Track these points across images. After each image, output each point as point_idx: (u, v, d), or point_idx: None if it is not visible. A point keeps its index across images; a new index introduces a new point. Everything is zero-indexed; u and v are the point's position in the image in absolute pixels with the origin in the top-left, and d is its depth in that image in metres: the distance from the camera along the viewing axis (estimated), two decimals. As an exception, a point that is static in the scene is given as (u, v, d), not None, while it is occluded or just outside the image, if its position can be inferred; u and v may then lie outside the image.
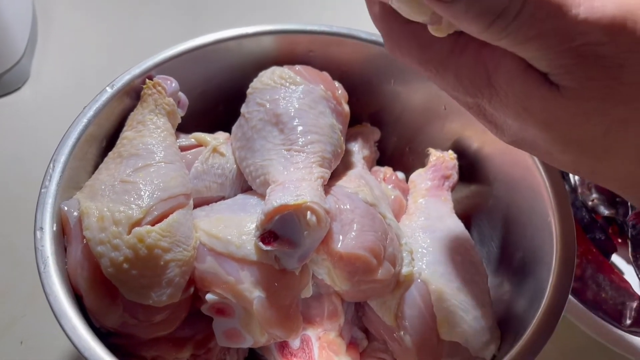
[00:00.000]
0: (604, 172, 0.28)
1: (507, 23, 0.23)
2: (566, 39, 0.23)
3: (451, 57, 0.27)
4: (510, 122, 0.28)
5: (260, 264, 0.37)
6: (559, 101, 0.25)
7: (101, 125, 0.43)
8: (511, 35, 0.23)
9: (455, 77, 0.28)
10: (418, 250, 0.42)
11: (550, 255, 0.37)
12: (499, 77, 0.26)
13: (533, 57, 0.24)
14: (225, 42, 0.49)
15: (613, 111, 0.25)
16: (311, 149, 0.41)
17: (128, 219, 0.35)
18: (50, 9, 0.74)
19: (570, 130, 0.26)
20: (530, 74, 0.25)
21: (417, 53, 0.28)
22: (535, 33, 0.23)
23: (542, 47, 0.23)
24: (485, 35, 0.24)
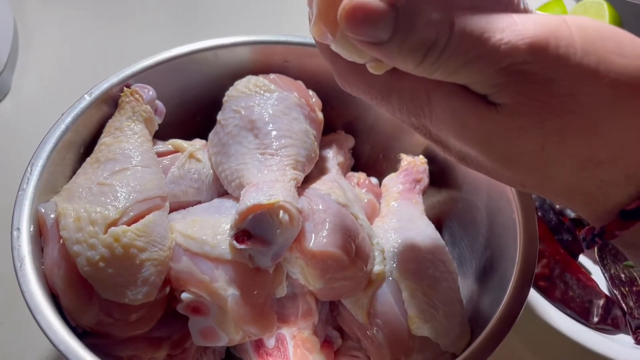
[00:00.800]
0: (547, 186, 0.29)
1: (437, 56, 0.25)
2: (493, 62, 0.24)
3: (393, 83, 0.29)
4: (452, 142, 0.29)
5: (234, 263, 0.38)
6: (495, 118, 0.26)
7: (79, 132, 0.44)
8: (442, 67, 0.25)
9: (398, 99, 0.29)
10: (390, 250, 0.43)
11: (514, 251, 0.39)
12: (437, 96, 0.27)
13: (467, 83, 0.26)
14: (202, 53, 0.50)
15: (547, 123, 0.26)
16: (285, 152, 0.43)
17: (104, 219, 0.36)
18: (31, 24, 0.75)
19: (509, 146, 0.27)
20: (466, 93, 0.27)
21: (362, 84, 0.30)
22: (463, 61, 0.25)
23: (472, 73, 0.25)
24: (420, 70, 0.26)
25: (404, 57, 0.25)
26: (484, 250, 0.45)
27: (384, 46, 0.25)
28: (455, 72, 0.25)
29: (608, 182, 0.27)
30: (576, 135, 0.26)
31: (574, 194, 0.29)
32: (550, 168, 0.27)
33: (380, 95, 0.30)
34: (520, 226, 0.40)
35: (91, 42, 0.74)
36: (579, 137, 0.26)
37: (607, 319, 0.50)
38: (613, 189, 0.28)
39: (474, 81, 0.26)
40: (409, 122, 0.31)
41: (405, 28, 0.24)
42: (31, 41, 0.73)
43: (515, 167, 0.28)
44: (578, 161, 0.27)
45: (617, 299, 0.51)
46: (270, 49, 0.51)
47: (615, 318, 0.50)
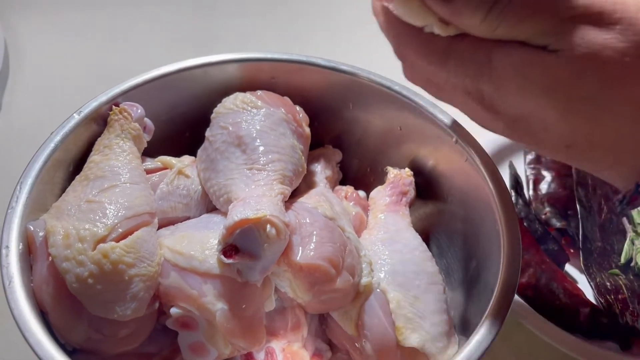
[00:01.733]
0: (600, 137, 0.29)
1: (501, 9, 0.27)
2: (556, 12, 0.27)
3: (452, 45, 0.30)
4: (510, 99, 0.30)
5: (222, 277, 0.38)
6: (557, 62, 0.28)
7: (68, 150, 0.44)
8: (506, 20, 0.27)
9: (456, 62, 0.30)
10: (377, 262, 0.44)
11: (498, 261, 0.40)
12: (499, 53, 0.29)
13: (527, 37, 0.28)
14: (190, 70, 0.51)
15: (606, 67, 0.27)
16: (272, 167, 0.43)
17: (93, 236, 0.36)
18: (22, 44, 0.76)
19: (570, 91, 0.28)
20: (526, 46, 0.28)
21: (422, 47, 0.31)
22: (526, 13, 0.27)
23: (534, 24, 0.27)
24: (484, 25, 0.27)
25: (470, 12, 0.27)
26: (470, 261, 0.46)
27: (452, 2, 0.27)
28: (519, 24, 0.27)
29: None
30: (634, 79, 0.28)
31: (624, 145, 0.29)
32: (606, 115, 0.29)
33: (439, 58, 0.31)
34: (504, 236, 0.40)
35: (81, 61, 0.75)
36: (636, 81, 0.28)
37: (593, 327, 0.50)
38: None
39: (536, 33, 0.28)
40: (462, 85, 0.31)
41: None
42: (21, 61, 0.74)
43: (574, 114, 0.29)
44: (634, 106, 0.28)
45: (603, 307, 0.52)
46: (257, 66, 0.52)
47: (601, 326, 0.50)
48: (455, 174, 0.48)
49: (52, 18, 0.80)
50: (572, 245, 0.57)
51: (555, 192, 0.59)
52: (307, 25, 0.82)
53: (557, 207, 0.58)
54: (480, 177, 0.45)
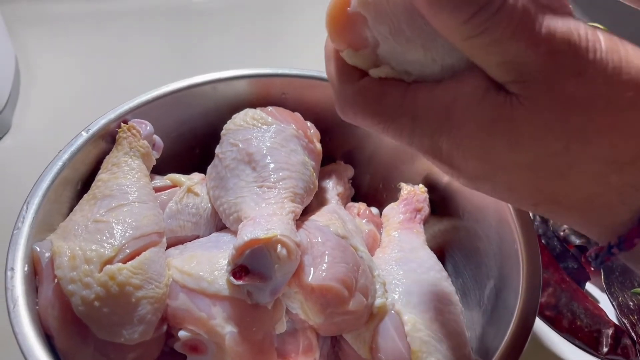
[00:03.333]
0: (566, 196, 0.28)
1: (486, 17, 0.24)
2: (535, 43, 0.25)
3: (405, 102, 0.28)
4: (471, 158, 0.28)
5: (232, 299, 0.37)
6: (521, 116, 0.26)
7: (76, 169, 0.44)
8: (487, 32, 0.25)
9: (411, 120, 0.28)
10: (392, 282, 0.43)
11: (517, 281, 0.38)
12: (458, 109, 0.27)
13: (499, 61, 0.25)
14: (200, 87, 0.50)
15: (572, 119, 0.25)
16: (283, 185, 0.42)
17: (100, 257, 0.36)
18: (33, 62, 0.76)
19: (534, 147, 0.26)
20: (489, 98, 0.26)
21: (371, 105, 0.29)
22: (509, 33, 0.24)
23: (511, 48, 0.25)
24: (463, 29, 0.25)
25: (452, 9, 0.25)
26: (488, 281, 0.44)
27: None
28: (497, 42, 0.25)
29: (630, 185, 0.27)
30: (600, 134, 0.26)
31: (591, 205, 0.28)
32: (572, 173, 0.27)
33: (391, 117, 0.29)
34: (523, 255, 0.39)
35: (92, 78, 0.75)
36: (603, 136, 0.26)
37: (616, 349, 0.48)
38: (634, 193, 0.27)
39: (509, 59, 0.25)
40: (418, 144, 0.30)
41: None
42: (32, 79, 0.74)
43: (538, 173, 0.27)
44: (601, 164, 0.26)
45: (626, 327, 0.50)
46: (268, 82, 0.51)
47: (625, 347, 0.48)
48: (471, 190, 0.47)
49: (62, 36, 0.81)
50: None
51: (573, 208, 0.57)
52: (317, 40, 0.82)
53: (576, 223, 0.57)
54: (497, 194, 0.43)
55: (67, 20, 0.83)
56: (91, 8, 0.84)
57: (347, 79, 0.30)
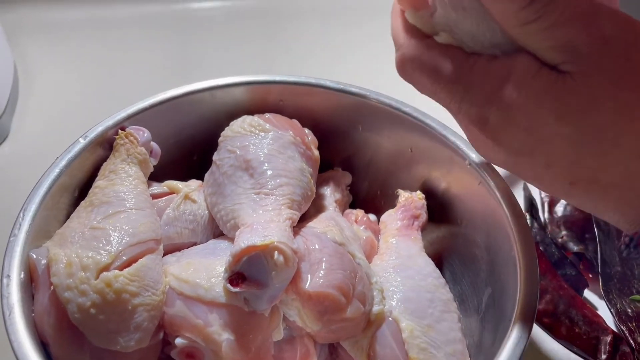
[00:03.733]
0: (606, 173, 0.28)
1: (545, 2, 0.26)
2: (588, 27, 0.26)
3: (462, 70, 0.30)
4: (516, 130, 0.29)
5: (229, 306, 0.37)
6: (572, 89, 0.27)
7: (73, 176, 0.44)
8: (544, 17, 0.26)
9: (464, 88, 0.30)
10: (389, 289, 0.42)
11: (514, 288, 0.38)
12: (512, 82, 0.28)
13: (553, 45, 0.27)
14: (198, 93, 0.50)
15: (620, 96, 0.27)
16: (280, 191, 0.42)
17: (96, 264, 0.35)
18: (31, 68, 0.76)
19: (581, 120, 0.27)
20: (542, 74, 0.28)
21: (431, 64, 0.30)
22: (565, 17, 0.26)
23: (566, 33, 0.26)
24: (521, 15, 0.27)
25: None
26: (485, 287, 0.44)
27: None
28: (552, 27, 0.26)
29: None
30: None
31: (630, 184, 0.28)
32: (616, 149, 0.28)
33: (445, 82, 0.30)
34: (520, 262, 0.39)
35: (90, 85, 0.75)
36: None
37: (615, 356, 0.48)
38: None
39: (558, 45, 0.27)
40: (467, 112, 0.30)
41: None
42: (31, 85, 0.74)
43: (582, 147, 0.28)
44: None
45: (624, 334, 0.50)
46: (265, 89, 0.51)
47: (623, 355, 0.48)
48: (469, 197, 0.47)
49: (61, 43, 0.81)
50: (590, 270, 0.55)
51: (571, 214, 0.57)
52: (314, 47, 0.82)
53: (574, 230, 0.57)
54: (495, 201, 0.43)
55: (65, 28, 0.83)
56: (89, 16, 0.84)
57: (413, 35, 0.31)
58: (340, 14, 0.86)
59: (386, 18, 0.35)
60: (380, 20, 0.86)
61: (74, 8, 0.85)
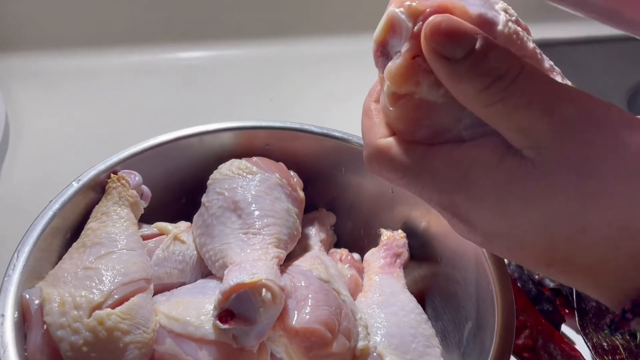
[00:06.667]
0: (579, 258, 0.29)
1: (504, 87, 0.26)
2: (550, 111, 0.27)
3: (426, 160, 0.30)
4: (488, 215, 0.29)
5: (218, 343, 0.38)
6: (535, 177, 0.27)
7: (66, 218, 0.45)
8: (505, 100, 0.27)
9: (431, 177, 0.30)
10: (373, 325, 0.44)
11: (492, 323, 0.40)
12: (477, 170, 0.28)
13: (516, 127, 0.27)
14: (187, 139, 0.52)
15: (586, 183, 0.27)
16: (267, 231, 0.44)
17: (89, 303, 0.36)
18: (23, 114, 0.78)
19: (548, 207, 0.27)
20: (506, 161, 0.28)
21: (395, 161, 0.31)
22: (525, 101, 0.26)
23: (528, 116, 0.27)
24: (481, 97, 0.27)
25: (471, 79, 0.27)
26: (466, 323, 0.46)
27: (455, 64, 0.27)
28: (513, 110, 0.27)
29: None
30: (612, 200, 0.27)
31: (604, 268, 0.29)
32: (586, 236, 0.28)
33: (412, 173, 0.30)
34: (498, 298, 0.41)
35: (81, 131, 0.77)
36: (615, 203, 0.27)
37: (594, 389, 0.50)
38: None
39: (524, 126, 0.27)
40: (437, 200, 0.31)
41: (481, 54, 0.26)
42: (21, 131, 0.76)
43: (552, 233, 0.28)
44: (614, 229, 0.27)
45: (602, 368, 0.51)
46: (252, 134, 0.54)
47: (601, 388, 0.50)
48: (448, 235, 0.49)
49: (52, 90, 0.83)
50: (567, 305, 0.57)
51: (547, 252, 0.60)
52: (299, 94, 0.85)
53: (550, 267, 0.59)
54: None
55: (56, 75, 0.85)
56: (80, 64, 0.87)
57: (376, 136, 0.32)
58: (323, 62, 0.90)
59: (366, 65, 0.37)
60: (360, 68, 0.90)
61: (65, 56, 0.88)
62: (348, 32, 0.91)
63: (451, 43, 0.27)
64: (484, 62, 0.27)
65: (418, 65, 0.29)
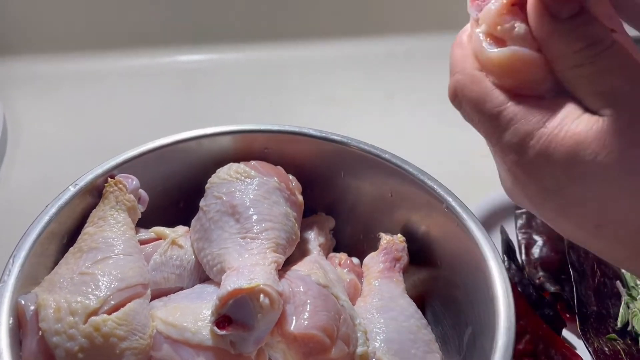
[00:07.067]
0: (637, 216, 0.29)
1: (599, 50, 0.29)
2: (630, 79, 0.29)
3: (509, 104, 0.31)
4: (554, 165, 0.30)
5: (216, 349, 0.38)
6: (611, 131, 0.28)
7: (63, 223, 0.44)
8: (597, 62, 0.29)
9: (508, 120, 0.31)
10: (372, 330, 0.43)
11: (493, 327, 0.39)
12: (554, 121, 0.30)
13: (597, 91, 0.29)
14: (185, 142, 0.52)
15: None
16: (265, 235, 0.44)
17: (85, 309, 0.36)
18: (20, 119, 0.78)
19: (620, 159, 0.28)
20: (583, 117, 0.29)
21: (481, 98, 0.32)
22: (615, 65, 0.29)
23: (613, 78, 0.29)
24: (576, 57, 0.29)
25: (570, 39, 0.29)
26: (466, 328, 0.45)
27: (559, 23, 0.29)
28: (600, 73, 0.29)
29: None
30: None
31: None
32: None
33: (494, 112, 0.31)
34: (498, 302, 0.40)
35: (79, 135, 0.77)
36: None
37: (595, 395, 0.49)
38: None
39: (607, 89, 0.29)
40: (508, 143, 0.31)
41: (584, 18, 0.29)
42: (19, 136, 0.76)
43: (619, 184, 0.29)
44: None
45: (603, 373, 0.51)
46: (250, 138, 0.53)
47: (603, 393, 0.49)
48: (447, 239, 0.49)
49: (50, 94, 0.83)
50: (568, 310, 0.56)
51: (547, 256, 0.59)
52: (297, 97, 0.85)
53: (550, 271, 0.58)
54: (472, 243, 0.45)
55: (54, 79, 0.85)
56: (78, 68, 0.87)
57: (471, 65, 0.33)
58: (322, 66, 0.90)
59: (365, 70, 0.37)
60: (359, 72, 0.91)
61: (63, 60, 0.88)
62: (347, 36, 0.91)
63: (561, 2, 0.29)
64: (584, 26, 0.29)
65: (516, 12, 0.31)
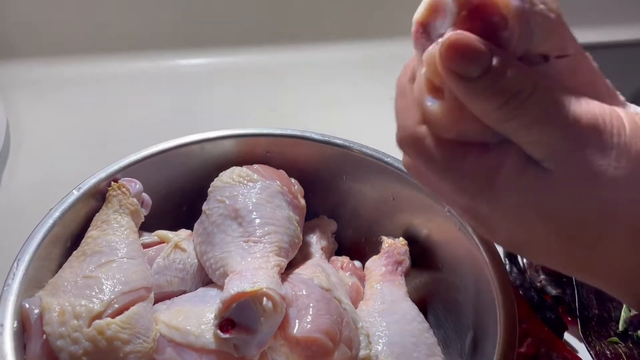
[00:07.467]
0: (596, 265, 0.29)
1: (518, 104, 0.27)
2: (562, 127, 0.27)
3: (453, 163, 0.30)
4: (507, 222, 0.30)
5: (219, 353, 0.38)
6: (553, 187, 0.28)
7: (66, 226, 0.45)
8: (520, 117, 0.27)
9: (455, 180, 0.30)
10: (375, 333, 0.44)
11: (495, 331, 0.39)
12: (500, 177, 0.29)
13: (532, 141, 0.28)
14: (188, 146, 0.52)
15: (603, 193, 0.27)
16: (268, 239, 0.44)
17: (89, 312, 0.36)
18: (23, 122, 0.78)
19: (567, 216, 0.28)
20: (528, 170, 0.28)
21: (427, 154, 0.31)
22: (539, 116, 0.27)
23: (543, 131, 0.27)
24: (497, 114, 0.28)
25: (486, 97, 0.27)
26: (468, 331, 0.45)
27: (471, 83, 0.27)
28: (529, 125, 0.27)
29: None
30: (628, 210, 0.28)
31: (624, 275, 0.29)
32: (604, 242, 0.28)
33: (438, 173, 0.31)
34: (500, 305, 0.40)
35: (82, 139, 0.77)
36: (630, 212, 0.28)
37: (597, 398, 0.49)
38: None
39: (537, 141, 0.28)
40: (459, 203, 0.31)
41: (496, 73, 0.27)
42: (22, 139, 0.76)
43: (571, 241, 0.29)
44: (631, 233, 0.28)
45: (605, 376, 0.51)
46: (253, 141, 0.54)
47: (605, 396, 0.49)
48: (449, 242, 0.49)
49: (52, 97, 0.83)
50: (569, 313, 0.56)
51: (549, 259, 0.59)
52: (300, 101, 0.85)
53: (552, 274, 0.58)
54: (474, 246, 0.45)
55: (57, 83, 0.85)
56: (80, 72, 0.87)
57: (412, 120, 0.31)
58: (324, 70, 0.90)
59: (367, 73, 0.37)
60: (361, 75, 0.91)
61: (66, 64, 0.88)
62: (349, 40, 0.91)
63: (467, 62, 0.27)
64: (500, 80, 0.27)
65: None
